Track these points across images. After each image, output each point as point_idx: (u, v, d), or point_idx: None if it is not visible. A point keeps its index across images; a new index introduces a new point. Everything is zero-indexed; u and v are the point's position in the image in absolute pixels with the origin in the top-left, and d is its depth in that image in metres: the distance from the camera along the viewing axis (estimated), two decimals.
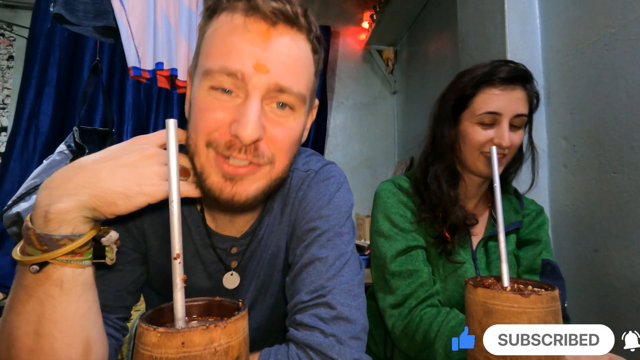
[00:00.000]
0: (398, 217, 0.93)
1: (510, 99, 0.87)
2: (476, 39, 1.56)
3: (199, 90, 0.54)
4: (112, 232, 0.50)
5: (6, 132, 2.79)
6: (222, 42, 0.52)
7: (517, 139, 0.89)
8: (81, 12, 1.56)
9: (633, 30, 1.05)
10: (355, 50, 3.41)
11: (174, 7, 1.73)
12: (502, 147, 0.86)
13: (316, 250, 0.65)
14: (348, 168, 3.31)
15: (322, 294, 0.61)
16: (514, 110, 0.86)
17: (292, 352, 0.57)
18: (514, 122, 0.88)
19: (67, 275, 0.46)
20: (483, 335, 0.49)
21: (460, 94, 0.92)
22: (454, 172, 0.96)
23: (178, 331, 0.35)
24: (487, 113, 0.87)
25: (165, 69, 1.69)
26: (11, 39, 2.91)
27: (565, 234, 1.29)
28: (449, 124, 0.94)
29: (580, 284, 1.22)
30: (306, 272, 0.64)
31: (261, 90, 0.52)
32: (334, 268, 0.64)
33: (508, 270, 0.53)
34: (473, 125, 0.90)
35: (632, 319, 1.05)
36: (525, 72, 0.89)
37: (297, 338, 0.58)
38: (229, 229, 0.70)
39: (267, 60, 0.52)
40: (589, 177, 1.20)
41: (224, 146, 0.53)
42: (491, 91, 0.87)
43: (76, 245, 0.46)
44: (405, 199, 0.96)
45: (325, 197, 0.70)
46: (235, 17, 0.52)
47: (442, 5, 2.46)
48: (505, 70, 0.87)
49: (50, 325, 0.46)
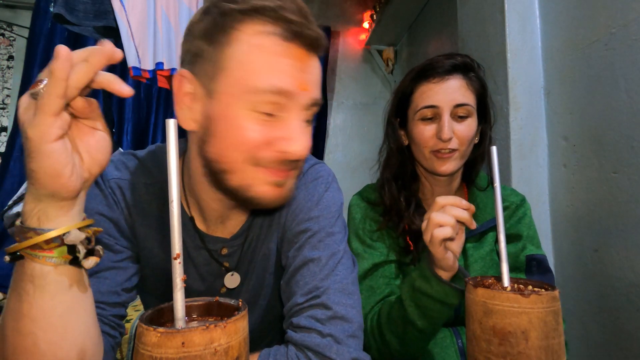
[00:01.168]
0: (366, 232, 0.92)
1: (447, 89, 0.84)
2: (476, 39, 1.56)
3: (235, 113, 0.54)
4: (74, 231, 0.44)
5: (6, 132, 2.80)
6: (267, 64, 0.54)
7: (463, 130, 0.85)
8: (81, 12, 1.56)
9: (633, 30, 1.04)
10: (355, 50, 3.41)
11: (174, 7, 1.73)
12: (443, 139, 0.83)
13: (308, 252, 0.66)
14: (348, 168, 3.31)
15: (317, 294, 0.62)
16: (452, 100, 0.84)
17: (291, 352, 0.58)
18: (458, 113, 0.85)
19: (37, 271, 0.44)
20: (483, 335, 0.49)
21: (402, 94, 0.91)
22: (409, 175, 0.94)
23: (178, 331, 0.35)
24: (425, 107, 0.85)
25: (166, 69, 1.69)
26: (11, 39, 2.91)
27: (565, 234, 1.29)
28: (396, 126, 0.94)
29: (580, 284, 1.22)
30: (300, 275, 0.65)
31: (303, 106, 0.57)
32: (327, 268, 0.64)
33: (508, 269, 0.53)
34: (416, 122, 0.88)
35: (632, 319, 1.05)
36: (465, 61, 0.87)
37: (296, 340, 0.59)
38: (220, 230, 0.70)
39: (306, 80, 0.57)
40: (589, 177, 1.20)
41: (274, 162, 0.56)
42: (427, 85, 0.86)
43: (38, 239, 0.42)
44: (372, 213, 0.94)
45: (314, 198, 0.71)
46: (280, 42, 0.55)
47: (442, 5, 2.46)
48: (441, 62, 0.86)
49: (29, 323, 0.44)
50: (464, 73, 0.87)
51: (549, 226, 1.34)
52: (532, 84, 1.37)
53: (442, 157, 0.86)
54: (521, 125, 1.35)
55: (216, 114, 0.56)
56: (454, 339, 0.85)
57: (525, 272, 0.87)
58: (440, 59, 0.87)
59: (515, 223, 0.93)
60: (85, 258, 0.46)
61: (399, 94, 0.92)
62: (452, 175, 0.91)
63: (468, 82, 0.86)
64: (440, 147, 0.85)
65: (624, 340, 1.07)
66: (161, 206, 0.68)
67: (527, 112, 1.35)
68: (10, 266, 0.44)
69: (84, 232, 0.45)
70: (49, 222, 0.44)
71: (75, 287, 0.46)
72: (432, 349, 0.84)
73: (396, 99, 0.93)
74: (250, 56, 0.54)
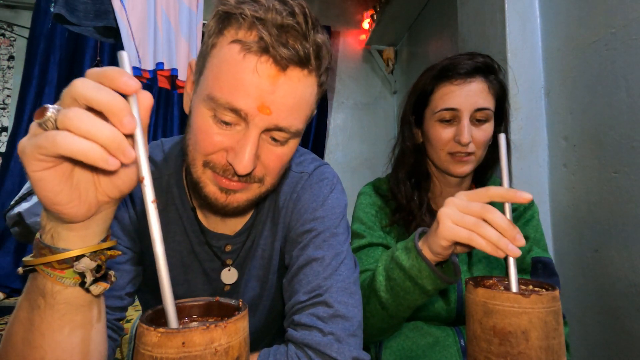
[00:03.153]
0: (370, 217, 0.92)
1: (468, 92, 0.82)
2: (476, 39, 1.56)
3: (200, 113, 0.55)
4: (85, 259, 0.42)
5: (7, 132, 2.80)
6: (231, 76, 0.52)
7: (481, 135, 0.84)
8: (81, 12, 1.56)
9: (634, 30, 1.04)
10: (356, 50, 3.41)
11: (174, 7, 1.74)
12: (462, 144, 0.82)
13: (312, 251, 0.66)
14: (348, 168, 3.32)
15: (319, 293, 0.62)
16: (473, 104, 0.82)
17: (291, 352, 0.58)
18: (477, 117, 0.84)
19: (48, 288, 0.42)
20: (483, 335, 0.49)
21: (421, 92, 0.89)
22: (423, 174, 0.93)
23: (178, 331, 0.35)
24: (445, 110, 0.84)
25: (166, 69, 1.70)
26: (12, 39, 2.91)
27: (565, 234, 1.29)
28: (412, 124, 0.93)
29: (580, 284, 1.22)
30: (303, 273, 0.65)
31: (261, 128, 0.54)
32: (331, 267, 0.65)
33: (516, 273, 0.52)
34: (434, 123, 0.87)
35: (632, 319, 1.05)
36: (486, 63, 0.85)
37: (296, 338, 0.59)
38: (221, 227, 0.71)
39: (272, 103, 0.53)
40: (589, 177, 1.20)
41: (220, 168, 0.57)
42: (448, 87, 0.84)
43: (51, 259, 0.40)
44: (380, 202, 0.94)
45: (319, 198, 0.71)
46: (247, 56, 0.52)
47: (442, 5, 2.46)
48: (463, 62, 0.83)
49: (39, 337, 0.44)
50: (485, 75, 0.85)
51: (549, 226, 1.34)
52: (532, 84, 1.37)
53: (460, 160, 0.86)
54: (521, 125, 1.35)
55: (193, 109, 0.58)
56: (457, 338, 0.84)
57: (531, 274, 0.87)
58: (462, 58, 0.84)
59: (523, 225, 0.92)
60: (94, 284, 0.43)
61: (417, 91, 0.90)
62: (466, 176, 0.91)
63: (489, 85, 0.85)
64: (458, 150, 0.85)
65: (625, 340, 1.07)
66: (164, 202, 0.68)
67: (527, 112, 1.35)
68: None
69: (97, 257, 0.43)
70: (61, 241, 0.41)
71: (86, 307, 0.45)
72: (434, 347, 0.83)
73: (414, 97, 0.91)
74: (220, 66, 0.54)
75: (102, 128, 0.33)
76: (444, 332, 0.86)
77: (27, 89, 2.53)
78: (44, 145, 0.33)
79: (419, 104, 0.91)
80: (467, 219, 0.55)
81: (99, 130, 0.33)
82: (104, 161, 0.33)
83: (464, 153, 0.85)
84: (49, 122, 0.33)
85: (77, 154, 0.33)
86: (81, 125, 0.33)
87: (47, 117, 0.33)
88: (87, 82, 0.34)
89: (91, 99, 0.34)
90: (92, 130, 0.33)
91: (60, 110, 0.33)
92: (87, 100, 0.34)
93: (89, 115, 0.33)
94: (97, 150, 0.33)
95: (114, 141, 0.33)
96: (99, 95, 0.34)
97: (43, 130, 0.34)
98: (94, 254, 0.42)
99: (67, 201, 0.38)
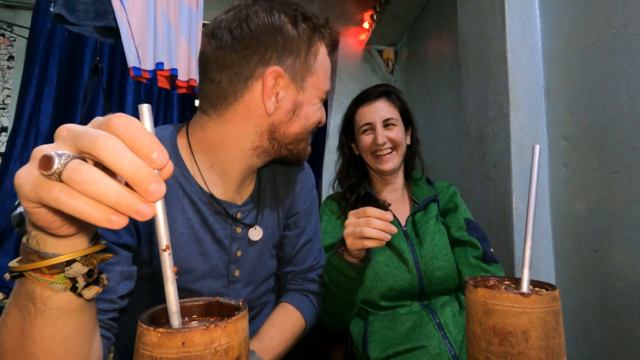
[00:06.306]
0: (325, 219, 1.19)
1: (377, 110, 1.18)
2: (476, 39, 1.56)
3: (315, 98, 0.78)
4: (76, 264, 0.40)
5: (6, 132, 2.80)
6: (326, 72, 0.80)
7: (393, 135, 1.16)
8: (81, 12, 1.56)
9: (634, 30, 1.05)
10: (356, 50, 3.41)
11: (174, 7, 1.73)
12: (377, 144, 1.14)
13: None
14: None
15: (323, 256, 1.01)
16: (381, 117, 1.16)
17: (312, 299, 0.94)
18: (387, 123, 1.17)
19: (37, 293, 0.41)
20: (483, 335, 0.49)
21: (347, 117, 1.26)
22: (360, 171, 1.25)
23: (178, 331, 0.35)
24: (364, 124, 1.18)
25: (166, 69, 1.69)
26: (11, 39, 2.91)
27: (565, 234, 1.29)
28: (346, 140, 1.28)
29: (580, 284, 1.22)
30: (313, 243, 0.98)
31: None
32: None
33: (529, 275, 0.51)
34: (360, 135, 1.21)
35: (632, 319, 1.05)
36: (386, 89, 1.22)
37: (315, 290, 0.96)
38: (231, 196, 0.80)
39: None
40: (589, 177, 1.20)
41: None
42: (362, 109, 1.20)
43: (40, 264, 0.39)
44: (333, 206, 1.23)
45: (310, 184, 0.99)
46: (327, 56, 0.81)
47: (442, 5, 2.46)
48: (371, 91, 1.21)
49: (31, 343, 0.42)
50: (387, 96, 1.20)
51: (549, 226, 1.34)
52: (532, 84, 1.37)
53: (383, 158, 1.17)
54: (521, 125, 1.35)
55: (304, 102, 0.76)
56: (431, 317, 1.01)
57: (467, 230, 1.12)
58: (370, 89, 1.22)
59: (451, 197, 1.21)
60: (87, 288, 0.42)
61: (345, 118, 1.27)
62: (394, 172, 1.20)
63: (391, 102, 1.20)
64: (378, 150, 1.16)
65: (625, 340, 1.07)
66: (168, 191, 0.68)
67: (527, 112, 1.35)
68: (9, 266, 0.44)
69: (89, 261, 0.41)
70: (49, 247, 0.40)
71: (78, 311, 0.44)
72: (413, 331, 0.99)
73: (344, 121, 1.28)
74: (323, 66, 0.78)
75: (107, 190, 0.31)
76: (418, 315, 1.03)
77: (27, 89, 2.53)
78: (44, 198, 0.32)
79: (348, 126, 1.26)
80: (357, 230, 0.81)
81: (104, 195, 0.31)
82: (107, 222, 0.32)
83: (384, 152, 1.16)
84: (54, 177, 0.32)
85: (79, 214, 0.32)
86: (86, 188, 0.31)
87: (53, 170, 0.31)
88: (112, 144, 0.32)
89: (112, 165, 0.32)
90: (97, 194, 0.31)
91: (67, 164, 0.32)
92: (109, 166, 0.32)
93: (95, 176, 0.31)
94: (101, 210, 0.32)
95: (121, 203, 0.31)
96: (122, 164, 0.31)
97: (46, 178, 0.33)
98: (85, 258, 0.41)
99: (58, 227, 0.37)
